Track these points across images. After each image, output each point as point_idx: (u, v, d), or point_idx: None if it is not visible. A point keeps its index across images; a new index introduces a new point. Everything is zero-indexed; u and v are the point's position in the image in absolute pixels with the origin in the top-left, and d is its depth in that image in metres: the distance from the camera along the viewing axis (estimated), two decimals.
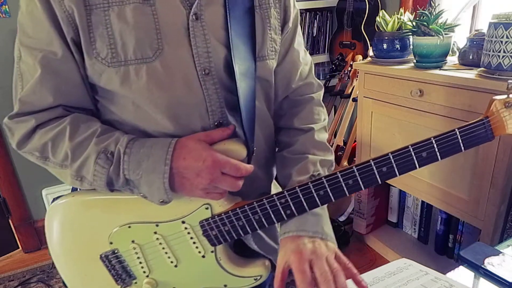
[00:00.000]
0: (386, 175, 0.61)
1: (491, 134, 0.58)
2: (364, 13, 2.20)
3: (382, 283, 0.67)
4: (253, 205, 0.65)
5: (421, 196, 1.73)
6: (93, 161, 0.62)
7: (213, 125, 0.68)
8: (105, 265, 0.73)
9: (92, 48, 0.61)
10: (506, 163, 1.29)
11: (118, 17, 0.61)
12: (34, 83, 0.64)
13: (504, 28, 1.19)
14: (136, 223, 0.69)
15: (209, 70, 0.66)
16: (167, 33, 0.63)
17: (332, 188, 0.63)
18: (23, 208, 2.18)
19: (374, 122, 1.82)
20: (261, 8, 0.72)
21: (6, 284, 1.99)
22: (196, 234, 0.69)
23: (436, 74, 1.43)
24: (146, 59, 0.62)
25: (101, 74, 0.63)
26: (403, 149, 0.59)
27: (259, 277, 0.74)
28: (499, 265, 0.69)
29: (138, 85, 0.63)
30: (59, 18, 0.60)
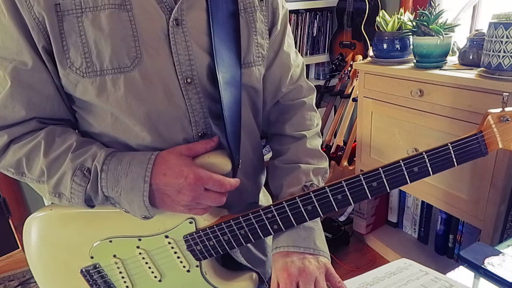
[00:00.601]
0: (376, 190, 0.59)
1: (485, 149, 0.56)
2: (364, 13, 2.20)
3: (382, 283, 0.67)
4: (238, 220, 0.63)
5: (421, 196, 1.73)
6: (69, 178, 0.59)
7: (197, 137, 0.65)
8: (86, 280, 0.71)
9: (65, 57, 0.58)
10: (506, 163, 1.29)
11: (92, 24, 0.57)
12: (5, 97, 0.59)
13: (504, 28, 1.19)
14: (117, 237, 0.67)
15: (191, 79, 0.63)
16: (146, 40, 0.59)
17: (320, 203, 0.61)
18: (23, 208, 2.18)
19: (374, 122, 1.82)
20: (246, 12, 0.68)
21: (6, 284, 1.99)
22: (180, 248, 0.67)
23: (436, 74, 1.43)
24: (123, 69, 0.58)
25: (76, 84, 0.59)
26: (394, 163, 0.58)
27: None
28: (499, 265, 0.69)
29: (116, 96, 0.59)
30: (29, 25, 0.56)
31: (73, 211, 0.69)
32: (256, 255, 0.80)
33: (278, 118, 0.80)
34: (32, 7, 0.55)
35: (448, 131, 1.43)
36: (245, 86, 0.69)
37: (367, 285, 0.66)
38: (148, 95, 0.60)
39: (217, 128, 0.67)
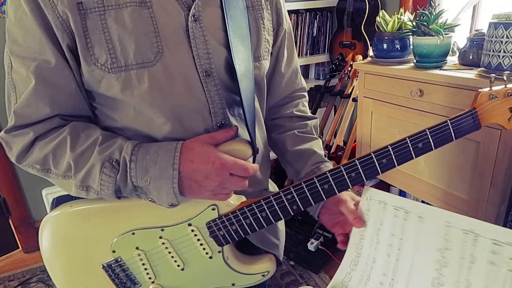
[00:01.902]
0: (386, 166, 0.64)
1: (478, 123, 0.63)
2: (364, 13, 2.20)
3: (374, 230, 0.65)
4: (260, 203, 0.66)
5: (421, 196, 1.73)
6: (98, 170, 0.61)
7: (216, 127, 0.68)
8: (108, 274, 0.72)
9: (89, 54, 0.59)
10: (506, 163, 1.29)
11: (116, 21, 0.59)
12: (29, 95, 0.61)
13: (504, 28, 1.19)
14: (140, 229, 0.68)
15: (210, 72, 0.66)
16: (167, 36, 0.62)
17: (336, 182, 0.65)
18: (23, 208, 2.18)
19: (374, 122, 1.82)
20: (253, 10, 0.73)
21: (6, 284, 2.00)
22: (203, 235, 0.69)
23: (436, 74, 1.43)
24: (147, 63, 0.61)
25: (101, 80, 0.61)
26: (401, 141, 0.63)
27: (267, 273, 0.74)
28: None
29: (140, 90, 0.62)
30: (53, 25, 0.58)
31: (93, 206, 0.69)
32: (270, 239, 0.83)
33: (289, 104, 0.88)
34: (56, 6, 0.57)
35: None
36: (254, 78, 0.73)
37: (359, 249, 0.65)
38: (171, 88, 0.63)
39: (234, 118, 0.71)
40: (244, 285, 0.74)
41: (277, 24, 0.78)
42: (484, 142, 1.34)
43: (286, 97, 0.88)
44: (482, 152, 1.35)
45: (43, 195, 2.17)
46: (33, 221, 2.23)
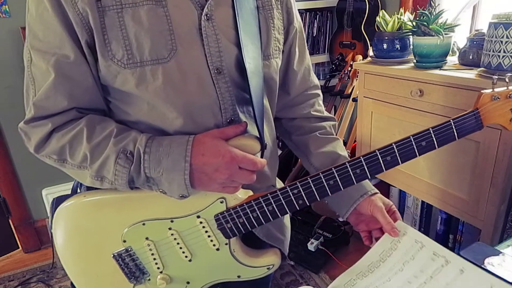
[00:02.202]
0: (390, 163, 0.66)
1: (480, 123, 0.65)
2: (364, 13, 2.20)
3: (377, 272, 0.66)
4: (267, 197, 0.68)
5: (421, 196, 1.73)
6: (113, 161, 0.63)
7: (226, 123, 0.70)
8: (118, 263, 0.73)
9: (107, 50, 0.62)
10: (506, 163, 1.29)
11: (132, 19, 0.61)
12: (48, 88, 0.63)
13: (504, 28, 1.19)
14: (150, 220, 0.70)
15: (221, 69, 0.68)
16: (180, 34, 0.64)
17: (341, 178, 0.66)
18: (23, 208, 2.18)
19: (374, 122, 1.82)
20: (264, 9, 0.74)
21: (6, 284, 2.00)
22: (211, 227, 0.70)
23: (436, 74, 1.43)
24: (161, 60, 0.63)
25: (116, 75, 0.64)
26: (405, 139, 0.65)
27: (272, 266, 0.76)
28: (499, 265, 0.69)
29: (154, 85, 0.64)
30: (73, 21, 0.60)
31: (106, 197, 0.71)
32: (275, 234, 0.84)
33: (305, 103, 0.88)
34: (76, 3, 0.59)
35: None
36: (264, 76, 0.74)
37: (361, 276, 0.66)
38: (183, 84, 0.66)
39: (243, 115, 0.73)
40: (249, 277, 0.75)
41: (287, 23, 0.80)
42: (484, 142, 1.34)
43: (300, 95, 0.88)
44: (482, 152, 1.35)
45: (43, 195, 2.17)
46: (33, 221, 2.23)
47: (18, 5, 1.88)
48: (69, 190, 1.43)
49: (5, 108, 1.99)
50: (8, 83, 1.97)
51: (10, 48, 1.93)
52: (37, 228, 2.23)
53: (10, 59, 1.95)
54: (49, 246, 2.12)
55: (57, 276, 2.02)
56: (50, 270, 2.06)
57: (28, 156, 2.11)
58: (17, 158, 2.09)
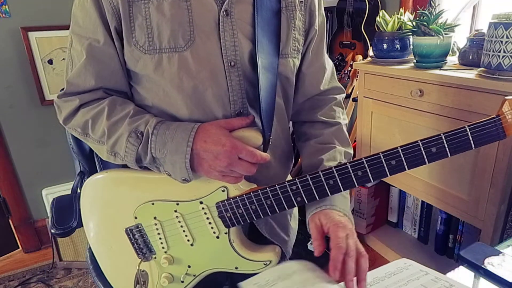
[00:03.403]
0: (395, 168, 0.62)
1: (502, 133, 0.57)
2: (364, 13, 2.20)
3: (383, 283, 0.67)
4: (265, 190, 0.69)
5: (421, 196, 1.73)
6: (125, 139, 0.69)
7: (234, 114, 0.74)
8: (129, 238, 0.78)
9: (132, 36, 0.68)
10: (506, 163, 1.29)
11: (157, 9, 0.67)
12: (80, 67, 0.71)
13: (504, 28, 1.19)
14: (159, 201, 0.75)
15: (234, 63, 0.72)
16: (199, 26, 0.69)
17: (341, 178, 0.65)
18: (23, 208, 2.18)
19: (374, 122, 1.82)
20: (287, 10, 0.78)
21: (6, 284, 1.99)
22: (212, 215, 0.73)
23: (436, 74, 1.43)
24: (178, 48, 0.68)
25: (138, 60, 0.70)
26: (412, 143, 0.60)
27: (269, 262, 0.76)
28: (499, 265, 0.69)
29: (170, 72, 0.69)
30: (105, 9, 0.68)
31: (125, 174, 0.78)
32: (279, 234, 0.87)
33: (313, 108, 0.88)
34: None
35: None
36: (280, 75, 0.77)
37: (367, 285, 0.66)
38: (197, 73, 0.70)
39: (252, 109, 0.76)
40: (246, 271, 0.76)
41: (309, 24, 0.82)
42: None
43: (311, 99, 0.87)
44: (482, 152, 1.35)
45: (43, 195, 2.17)
46: (33, 221, 2.23)
47: (18, 5, 1.88)
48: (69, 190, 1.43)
49: (5, 108, 1.99)
50: (8, 83, 1.97)
51: (10, 48, 1.93)
52: (37, 228, 2.23)
53: (10, 59, 1.95)
54: (49, 246, 2.12)
55: (57, 276, 2.02)
56: (50, 270, 2.06)
57: (28, 156, 2.12)
58: (17, 158, 2.09)
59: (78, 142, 1.37)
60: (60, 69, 2.04)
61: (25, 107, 2.03)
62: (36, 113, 2.06)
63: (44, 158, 2.14)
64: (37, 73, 1.99)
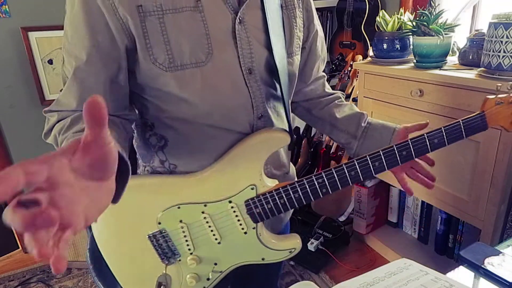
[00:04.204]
0: (405, 158, 0.72)
1: (486, 124, 0.73)
2: (364, 13, 2.20)
3: (383, 283, 0.67)
4: (294, 185, 0.73)
5: (421, 196, 1.73)
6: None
7: (256, 118, 0.75)
8: (152, 244, 0.77)
9: (149, 54, 0.64)
10: (506, 163, 1.29)
11: (173, 24, 0.64)
12: (66, 88, 0.67)
13: (504, 28, 1.19)
14: (185, 204, 0.74)
15: (252, 70, 0.72)
16: (216, 38, 0.67)
17: (362, 169, 0.72)
18: None
19: None
20: (287, 9, 0.78)
21: (6, 284, 2.00)
22: (241, 212, 0.75)
23: (436, 74, 1.43)
24: (199, 63, 0.67)
25: (158, 77, 0.66)
26: (420, 136, 0.72)
27: (294, 249, 0.80)
28: (499, 265, 0.69)
29: (194, 87, 0.68)
30: (112, 27, 0.62)
31: (144, 181, 0.76)
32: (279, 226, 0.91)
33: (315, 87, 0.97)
34: (117, 10, 0.61)
35: None
36: (288, 73, 0.79)
37: (367, 285, 0.66)
38: (219, 84, 0.70)
39: (270, 110, 0.77)
40: (272, 260, 0.80)
41: (307, 21, 0.84)
42: (484, 142, 1.34)
43: (314, 81, 0.96)
44: (482, 152, 1.35)
45: None
46: None
47: (18, 5, 1.88)
48: None
49: (5, 108, 1.99)
50: (8, 83, 1.97)
51: (10, 48, 1.93)
52: None
53: (10, 59, 1.95)
54: None
55: (57, 276, 2.02)
56: (50, 270, 2.06)
57: (28, 156, 2.11)
58: (17, 158, 2.09)
59: None
60: (60, 69, 2.04)
61: (25, 107, 2.03)
62: (36, 113, 2.06)
63: None
64: (37, 73, 1.99)
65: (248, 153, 0.73)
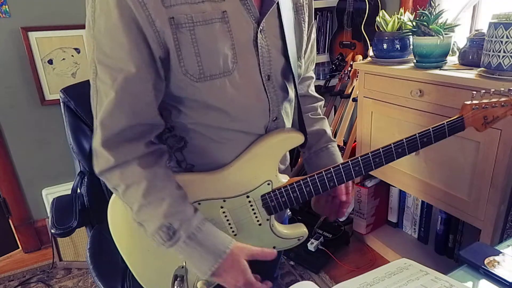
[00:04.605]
0: (400, 154, 0.81)
1: (463, 126, 0.84)
2: (364, 13, 2.20)
3: (383, 283, 0.67)
4: (306, 180, 0.80)
5: (421, 196, 1.73)
6: (156, 226, 0.69)
7: (272, 120, 0.79)
8: None
9: (180, 65, 0.66)
10: (506, 163, 1.29)
11: (204, 36, 0.65)
12: (110, 104, 0.65)
13: (504, 28, 1.19)
14: (205, 200, 0.78)
15: (270, 76, 0.76)
16: (240, 47, 0.70)
17: (364, 165, 0.80)
18: (23, 208, 2.18)
19: (374, 122, 1.82)
20: (297, 13, 0.81)
21: (6, 284, 2.00)
22: (257, 205, 0.80)
23: (436, 74, 1.43)
24: (226, 72, 0.69)
25: (187, 87, 0.68)
26: (412, 136, 0.81)
27: (302, 237, 0.87)
28: (499, 265, 0.69)
29: (221, 95, 0.70)
30: (149, 38, 0.62)
31: None
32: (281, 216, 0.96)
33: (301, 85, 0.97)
34: (154, 22, 0.61)
35: None
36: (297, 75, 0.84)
37: (367, 285, 0.66)
38: (244, 91, 0.73)
39: (283, 112, 0.82)
40: (282, 247, 0.87)
41: (309, 20, 0.86)
42: (484, 142, 1.34)
43: (301, 79, 0.96)
44: (482, 152, 1.35)
45: (43, 195, 2.17)
46: (33, 221, 2.23)
47: (18, 5, 1.88)
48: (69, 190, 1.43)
49: (5, 108, 1.99)
50: (8, 83, 1.97)
51: (10, 48, 1.93)
52: (37, 228, 2.23)
53: (10, 59, 1.95)
54: (49, 246, 2.12)
55: (57, 276, 2.02)
56: (50, 270, 2.06)
57: (28, 156, 2.12)
58: (17, 158, 2.09)
59: (78, 142, 1.37)
60: (60, 69, 2.04)
61: (25, 107, 2.03)
62: (36, 113, 2.06)
63: (44, 158, 2.14)
64: (37, 73, 1.99)
65: (266, 152, 0.79)
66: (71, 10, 1.97)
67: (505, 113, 0.84)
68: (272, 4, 0.71)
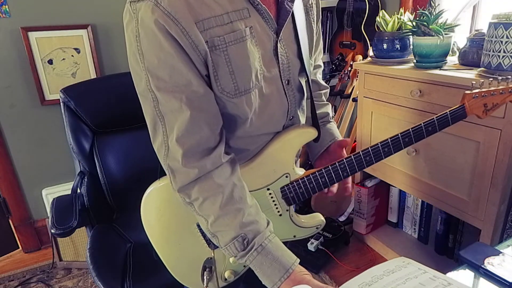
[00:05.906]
0: (407, 143, 0.86)
1: (465, 114, 0.88)
2: (364, 13, 2.20)
3: (381, 281, 0.67)
4: (321, 172, 0.85)
5: (421, 196, 1.73)
6: (231, 237, 0.72)
7: (289, 120, 0.85)
8: (200, 232, 0.86)
9: (217, 84, 0.71)
10: (506, 163, 1.29)
11: (236, 55, 0.69)
12: (187, 123, 0.69)
13: (504, 28, 1.19)
14: None
15: (289, 81, 0.81)
16: (265, 59, 0.75)
17: (374, 155, 0.85)
18: (23, 208, 2.18)
19: (374, 122, 1.82)
20: (308, 15, 0.85)
21: (6, 284, 2.00)
22: (277, 197, 0.86)
23: (436, 74, 1.43)
24: (257, 85, 0.74)
25: (223, 103, 0.73)
26: (418, 125, 0.85)
27: (320, 225, 0.93)
28: (499, 265, 0.69)
29: (254, 105, 0.75)
30: (195, 61, 0.67)
31: None
32: None
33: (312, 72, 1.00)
34: (197, 47, 0.66)
35: (448, 130, 1.43)
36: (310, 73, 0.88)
37: (366, 285, 0.66)
38: (270, 97, 0.78)
39: (299, 111, 0.87)
40: (301, 236, 0.92)
41: (316, 17, 0.89)
42: (484, 142, 1.34)
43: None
44: (482, 152, 1.35)
45: (43, 195, 2.17)
46: (33, 221, 2.23)
47: (18, 5, 1.88)
48: (69, 190, 1.43)
49: (5, 108, 1.99)
50: (8, 83, 1.97)
51: (10, 48, 1.93)
52: (37, 228, 2.23)
53: (10, 59, 1.95)
54: (49, 246, 2.12)
55: (57, 276, 2.02)
56: (50, 270, 2.06)
57: (28, 156, 2.12)
58: (17, 158, 2.09)
59: (78, 142, 1.37)
60: (60, 69, 2.04)
61: (25, 107, 2.03)
62: (36, 113, 2.06)
63: (44, 158, 2.14)
64: (37, 73, 1.99)
65: (283, 147, 0.84)
66: (71, 10, 1.97)
67: (504, 100, 0.89)
68: (288, 14, 0.75)
